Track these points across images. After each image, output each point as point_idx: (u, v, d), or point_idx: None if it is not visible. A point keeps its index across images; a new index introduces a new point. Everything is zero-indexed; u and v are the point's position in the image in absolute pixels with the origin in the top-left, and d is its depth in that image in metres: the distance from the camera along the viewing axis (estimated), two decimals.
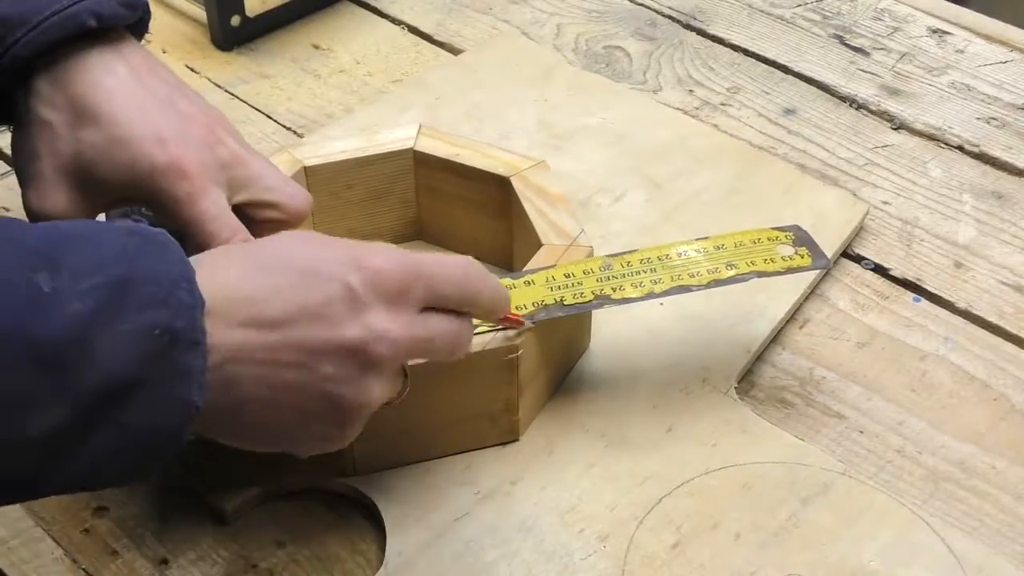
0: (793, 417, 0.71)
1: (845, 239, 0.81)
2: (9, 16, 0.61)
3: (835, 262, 0.81)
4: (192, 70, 0.97)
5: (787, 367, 0.74)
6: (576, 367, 0.73)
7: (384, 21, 1.04)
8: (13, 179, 0.87)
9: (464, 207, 0.77)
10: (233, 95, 0.95)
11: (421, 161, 0.77)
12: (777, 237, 0.70)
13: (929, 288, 0.80)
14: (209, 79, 0.96)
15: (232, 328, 0.51)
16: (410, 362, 0.58)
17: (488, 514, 0.65)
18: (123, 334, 0.47)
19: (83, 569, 0.64)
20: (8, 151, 0.89)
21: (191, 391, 0.49)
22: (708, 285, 0.67)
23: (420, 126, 0.78)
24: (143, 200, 0.63)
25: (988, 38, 1.01)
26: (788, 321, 0.77)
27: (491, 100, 0.92)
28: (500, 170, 0.75)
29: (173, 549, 0.65)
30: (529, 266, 0.68)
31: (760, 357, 0.74)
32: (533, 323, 0.65)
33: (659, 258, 0.68)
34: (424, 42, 1.01)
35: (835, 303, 0.78)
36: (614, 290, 0.67)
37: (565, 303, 0.66)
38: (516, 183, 0.74)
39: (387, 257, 0.55)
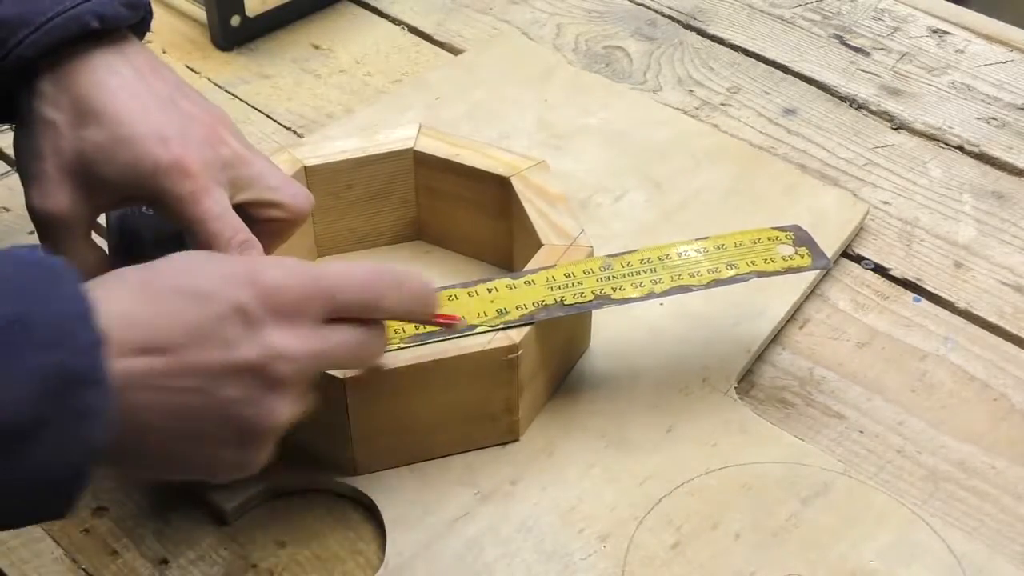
0: (793, 417, 0.71)
1: (845, 239, 0.81)
2: (11, 17, 0.61)
3: (835, 262, 0.81)
4: (192, 70, 0.97)
5: (787, 367, 0.74)
6: (576, 367, 0.73)
7: (384, 21, 1.04)
8: (13, 179, 0.87)
9: (464, 207, 0.77)
10: (233, 95, 0.95)
11: (421, 161, 0.77)
12: (777, 237, 0.70)
13: (929, 288, 0.80)
14: (209, 79, 0.96)
15: (128, 357, 0.49)
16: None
17: (488, 514, 0.65)
18: (17, 377, 0.46)
19: (83, 569, 0.64)
20: (7, 151, 0.89)
21: (94, 430, 0.47)
22: (708, 285, 0.67)
23: (420, 126, 0.78)
24: (146, 199, 0.63)
25: (988, 38, 1.01)
26: (788, 321, 0.77)
27: (491, 100, 0.92)
28: (500, 170, 0.75)
29: (173, 549, 0.65)
30: (529, 266, 0.68)
31: (760, 357, 0.74)
32: (531, 321, 0.65)
33: (659, 258, 0.68)
34: (424, 42, 1.01)
35: (835, 303, 0.78)
36: (614, 290, 0.67)
37: (565, 303, 0.66)
38: (516, 183, 0.74)
39: (283, 272, 0.54)
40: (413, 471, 0.67)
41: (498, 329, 0.65)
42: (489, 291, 0.66)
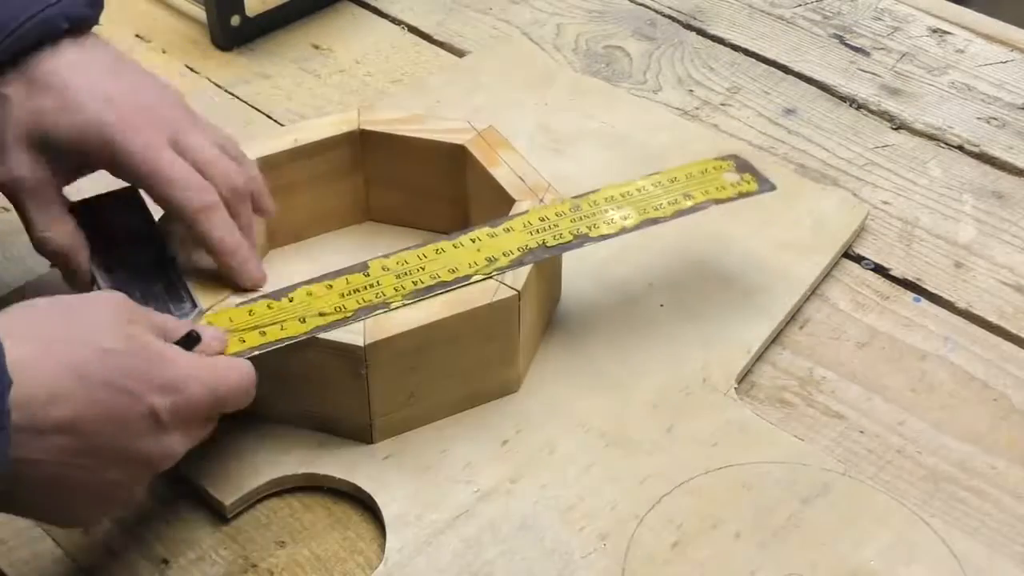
0: (793, 417, 0.71)
1: (846, 241, 0.81)
2: None
3: (835, 262, 0.81)
4: (192, 70, 0.97)
5: (787, 367, 0.74)
6: (577, 366, 0.73)
7: (384, 21, 1.04)
8: None
9: (415, 181, 0.78)
10: (233, 95, 0.95)
11: (367, 141, 0.77)
12: (721, 166, 0.74)
13: (929, 288, 0.80)
14: (209, 79, 0.96)
15: (41, 432, 0.53)
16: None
17: (488, 512, 0.65)
18: None
19: (83, 569, 0.64)
20: None
21: None
22: (675, 215, 0.71)
23: (359, 108, 0.78)
24: (101, 161, 0.66)
25: (988, 38, 1.01)
26: (788, 321, 0.77)
27: (492, 104, 0.92)
28: (453, 139, 0.76)
29: (173, 549, 0.65)
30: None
31: (760, 357, 0.74)
32: (520, 264, 0.67)
33: (622, 195, 0.72)
34: (424, 42, 1.01)
35: (835, 303, 0.78)
36: (590, 228, 0.70)
37: (548, 245, 0.68)
38: (473, 148, 0.75)
39: (195, 383, 0.58)
40: (413, 470, 0.67)
41: (492, 276, 0.67)
42: (473, 241, 0.69)
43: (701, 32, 1.02)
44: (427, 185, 0.78)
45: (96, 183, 0.70)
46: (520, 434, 0.69)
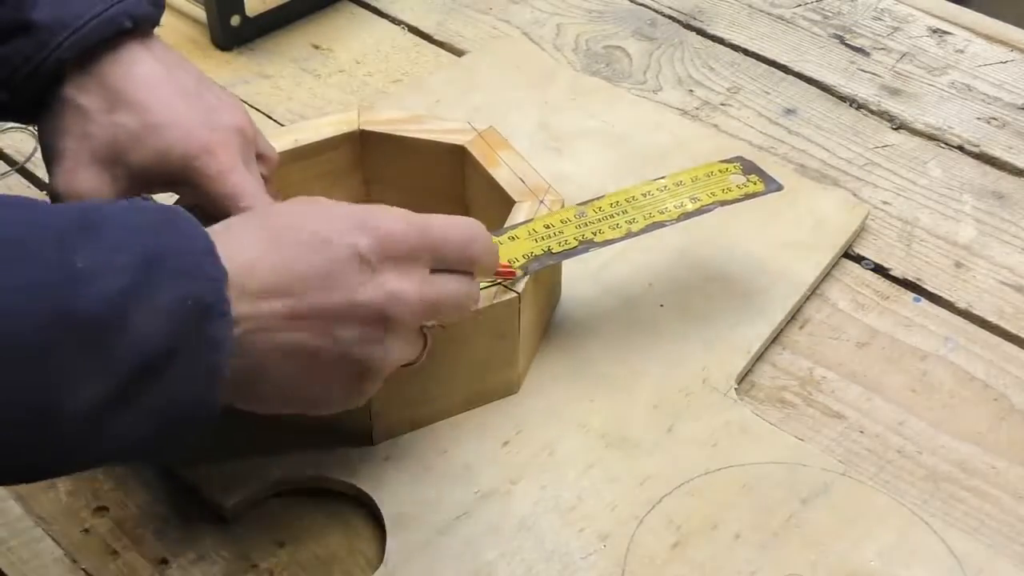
0: (793, 417, 0.71)
1: (846, 241, 0.81)
2: (49, 22, 0.63)
3: (835, 263, 0.81)
4: None
5: (787, 367, 0.74)
6: (577, 366, 0.73)
7: (384, 21, 1.04)
8: (13, 179, 0.87)
9: (415, 182, 0.78)
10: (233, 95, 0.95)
11: (367, 142, 0.77)
12: (727, 169, 0.74)
13: (929, 288, 0.80)
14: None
15: (252, 298, 0.52)
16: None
17: (488, 513, 0.65)
18: (158, 308, 0.48)
19: (83, 569, 0.64)
20: (7, 151, 0.89)
21: (219, 360, 0.50)
22: (679, 219, 0.71)
23: (359, 108, 0.78)
24: (172, 185, 0.66)
25: (988, 38, 1.01)
26: (788, 321, 0.77)
27: (492, 103, 0.92)
28: (453, 140, 0.76)
29: (173, 549, 0.65)
30: (508, 222, 0.70)
31: (760, 357, 0.74)
32: (525, 272, 0.67)
33: (627, 200, 0.71)
34: (424, 42, 1.01)
35: (835, 303, 0.78)
36: (595, 234, 0.69)
37: (553, 251, 0.68)
38: (473, 149, 0.75)
39: (395, 219, 0.57)
40: (413, 470, 0.67)
41: (496, 283, 0.66)
42: None
43: (701, 32, 1.02)
44: (427, 186, 0.78)
45: None
46: (520, 435, 0.69)
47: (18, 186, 0.87)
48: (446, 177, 0.77)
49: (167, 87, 0.65)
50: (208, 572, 0.64)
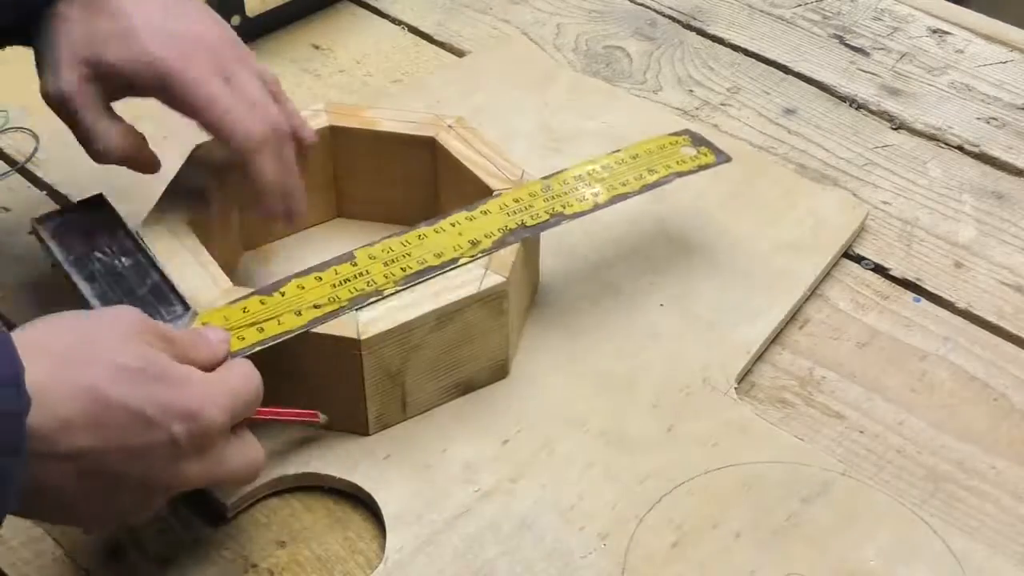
0: (793, 417, 0.71)
1: (846, 241, 0.81)
2: None
3: (835, 263, 0.81)
4: None
5: (787, 367, 0.74)
6: (576, 365, 0.73)
7: (384, 21, 1.04)
8: (13, 179, 0.87)
9: (385, 175, 0.79)
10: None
11: (338, 136, 0.77)
12: (677, 141, 0.77)
13: (929, 288, 0.80)
14: None
15: (58, 460, 0.52)
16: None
17: (488, 512, 0.65)
18: None
19: (83, 569, 0.64)
20: (8, 151, 0.89)
21: (7, 496, 0.50)
22: (642, 190, 0.73)
23: (324, 104, 0.79)
24: (152, 91, 0.67)
25: (988, 38, 1.01)
26: (788, 321, 0.77)
27: (492, 103, 0.92)
28: (423, 132, 0.77)
29: (173, 549, 0.65)
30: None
31: (760, 357, 0.74)
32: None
33: (588, 173, 0.74)
34: (424, 42, 1.01)
35: (835, 303, 0.78)
36: (564, 207, 0.71)
37: (527, 225, 0.70)
38: (443, 140, 0.76)
39: (215, 408, 0.57)
40: (413, 469, 0.67)
41: (478, 257, 0.68)
42: (453, 225, 0.70)
43: (701, 32, 1.02)
44: (397, 178, 0.79)
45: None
46: (520, 434, 0.69)
47: (18, 186, 0.87)
48: (417, 169, 0.78)
49: (148, 1, 0.67)
50: (208, 572, 0.64)
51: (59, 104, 0.67)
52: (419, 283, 0.67)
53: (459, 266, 0.68)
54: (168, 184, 0.72)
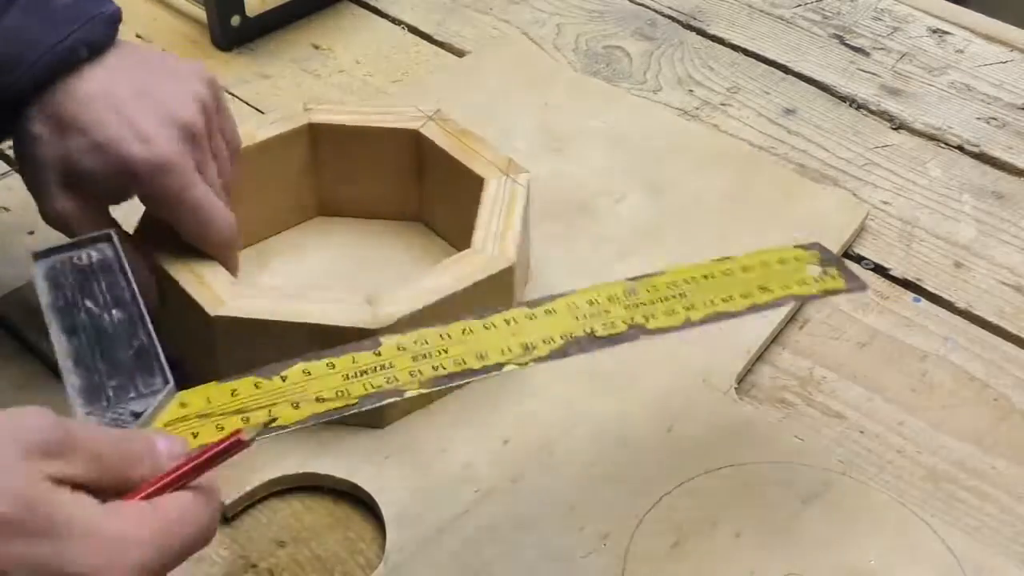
0: (793, 417, 0.71)
1: (846, 241, 0.81)
2: (7, 56, 0.65)
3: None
4: None
5: (787, 367, 0.74)
6: (577, 366, 0.72)
7: (384, 21, 1.04)
8: (13, 179, 0.87)
9: (368, 171, 0.78)
10: (233, 95, 0.95)
11: (318, 134, 0.77)
12: (802, 256, 0.66)
13: (929, 288, 0.80)
14: None
15: None
16: None
17: (488, 512, 0.65)
18: None
19: None
20: (8, 151, 0.89)
21: None
22: (747, 311, 0.62)
23: (304, 103, 0.79)
24: (139, 193, 0.67)
25: (988, 38, 1.01)
26: (788, 321, 0.77)
27: (492, 103, 0.92)
28: (407, 125, 0.77)
29: None
30: (480, 212, 0.71)
31: (760, 357, 0.74)
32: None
33: (685, 281, 0.63)
34: (424, 42, 1.01)
35: (835, 303, 0.78)
36: (646, 318, 0.61)
37: (597, 335, 0.60)
38: (428, 132, 0.76)
39: (128, 569, 0.43)
40: (413, 469, 0.67)
41: (528, 366, 0.58)
42: (508, 323, 0.59)
43: (701, 32, 1.02)
44: (379, 173, 0.79)
45: None
46: (520, 434, 0.69)
47: (18, 186, 0.86)
48: (400, 164, 0.78)
49: (113, 99, 0.66)
50: (208, 572, 0.64)
51: (63, 227, 0.67)
52: (450, 387, 0.59)
53: (503, 373, 0.58)
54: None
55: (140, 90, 0.67)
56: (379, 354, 0.57)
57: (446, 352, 0.57)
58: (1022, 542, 0.65)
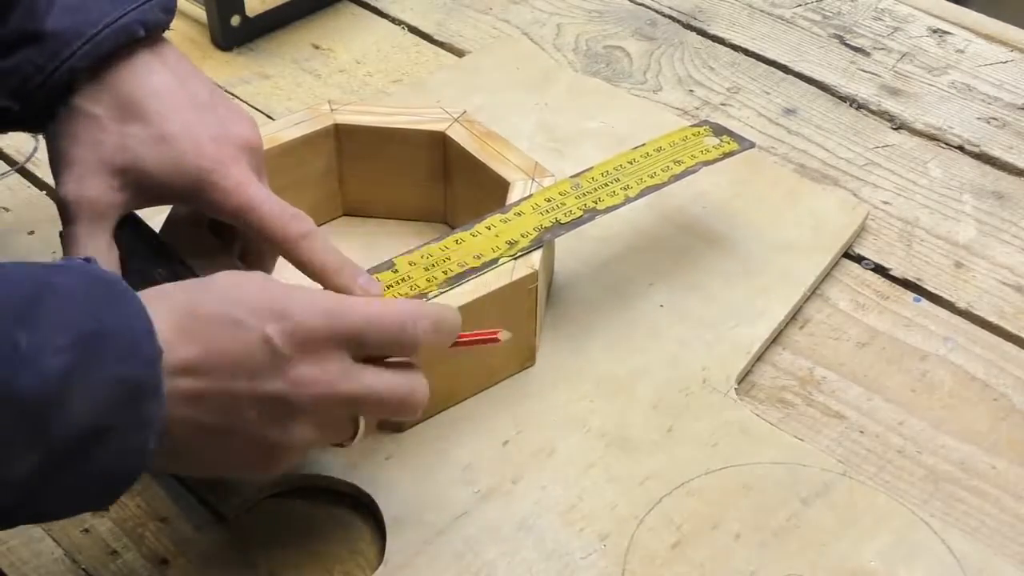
0: (793, 417, 0.71)
1: (846, 241, 0.81)
2: (63, 30, 0.64)
3: (835, 263, 0.81)
4: None
5: (787, 367, 0.74)
6: (576, 366, 0.73)
7: (384, 21, 1.04)
8: (13, 179, 0.87)
9: (394, 173, 0.79)
10: (233, 95, 0.95)
11: (344, 134, 0.77)
12: (699, 132, 0.77)
13: (929, 288, 0.80)
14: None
15: (174, 376, 0.52)
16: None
17: (488, 513, 0.65)
18: (94, 387, 0.49)
19: (83, 569, 0.64)
20: (8, 151, 0.89)
21: (149, 438, 0.51)
22: (670, 181, 0.74)
23: (329, 102, 0.78)
24: (184, 196, 0.65)
25: (988, 38, 1.01)
26: (788, 321, 0.77)
27: (492, 104, 0.92)
28: (433, 127, 0.77)
29: (173, 549, 0.65)
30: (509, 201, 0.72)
31: (760, 357, 0.74)
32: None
33: (615, 168, 0.74)
34: (424, 42, 1.01)
35: (835, 303, 0.78)
36: (595, 202, 0.72)
37: (562, 223, 0.70)
38: (454, 134, 0.76)
39: (311, 307, 0.55)
40: (413, 470, 0.67)
41: (518, 257, 0.68)
42: (489, 228, 0.69)
43: (701, 32, 1.02)
44: (405, 174, 0.79)
45: None
46: (520, 435, 0.69)
47: (18, 186, 0.87)
48: (426, 165, 0.78)
49: (179, 98, 0.65)
50: (208, 572, 0.64)
51: (76, 210, 0.63)
52: (461, 283, 0.66)
53: (499, 266, 0.68)
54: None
55: (207, 98, 0.66)
56: (396, 271, 0.66)
57: (449, 259, 0.68)
58: (1022, 542, 0.65)
